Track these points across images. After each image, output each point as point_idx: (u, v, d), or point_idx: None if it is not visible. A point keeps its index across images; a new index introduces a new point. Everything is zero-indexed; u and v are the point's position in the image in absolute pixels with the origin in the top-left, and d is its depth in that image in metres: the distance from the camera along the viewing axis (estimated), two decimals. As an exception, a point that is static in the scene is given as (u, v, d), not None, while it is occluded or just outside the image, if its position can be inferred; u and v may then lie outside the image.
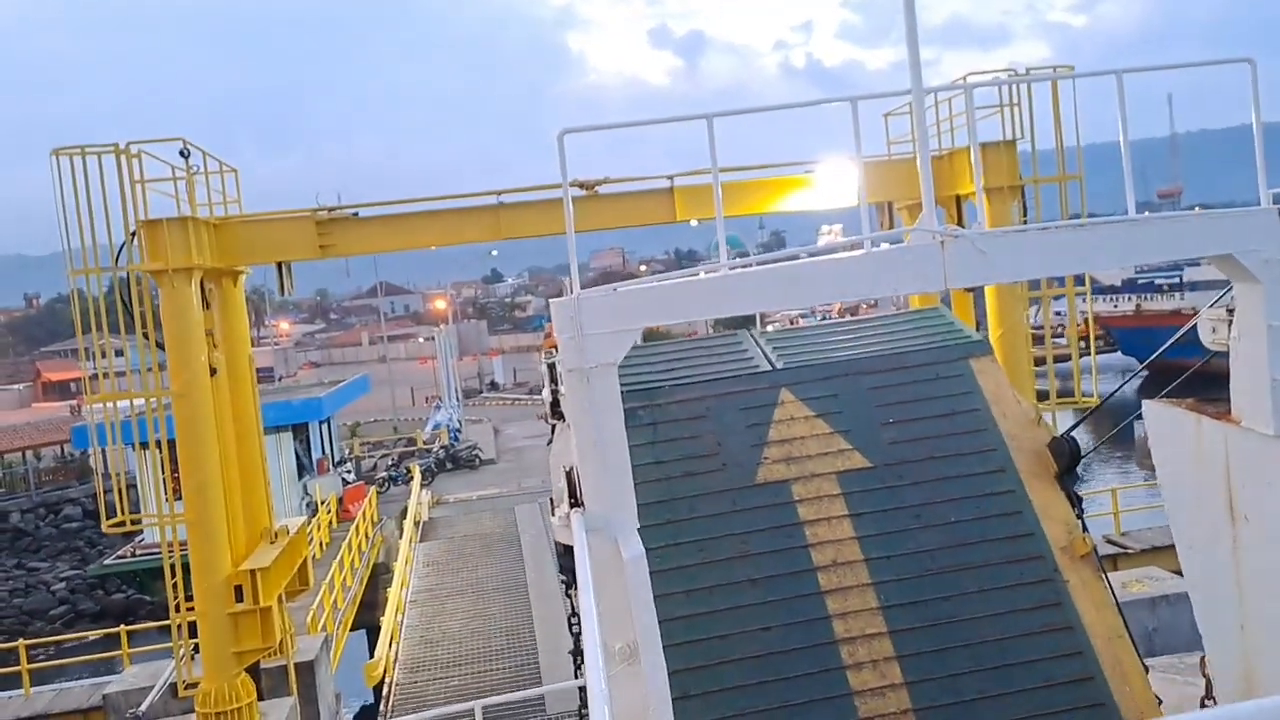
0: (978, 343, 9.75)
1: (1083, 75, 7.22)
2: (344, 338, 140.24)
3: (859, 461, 8.67)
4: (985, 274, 6.44)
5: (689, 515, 8.36)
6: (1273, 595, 7.09)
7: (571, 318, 6.14)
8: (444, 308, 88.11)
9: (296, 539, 17.81)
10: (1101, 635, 8.09)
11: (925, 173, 6.55)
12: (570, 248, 6.29)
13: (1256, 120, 6.68)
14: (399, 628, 21.61)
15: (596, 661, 4.25)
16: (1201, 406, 7.71)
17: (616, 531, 6.16)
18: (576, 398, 6.22)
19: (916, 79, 6.44)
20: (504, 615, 22.21)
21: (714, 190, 6.39)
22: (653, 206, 16.02)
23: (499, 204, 15.94)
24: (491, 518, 32.53)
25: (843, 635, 7.94)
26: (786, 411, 8.92)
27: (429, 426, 51.66)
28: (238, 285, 16.92)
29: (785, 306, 7.16)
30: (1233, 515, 7.35)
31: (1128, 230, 6.65)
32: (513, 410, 65.67)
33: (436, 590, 24.83)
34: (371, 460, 45.86)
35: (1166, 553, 19.54)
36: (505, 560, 26.69)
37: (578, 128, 6.27)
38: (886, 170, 15.63)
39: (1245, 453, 7.08)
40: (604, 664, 4.33)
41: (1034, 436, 8.89)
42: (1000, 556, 8.36)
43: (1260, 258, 6.53)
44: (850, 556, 8.23)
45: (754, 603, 8.04)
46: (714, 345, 9.86)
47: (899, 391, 9.15)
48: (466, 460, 44.28)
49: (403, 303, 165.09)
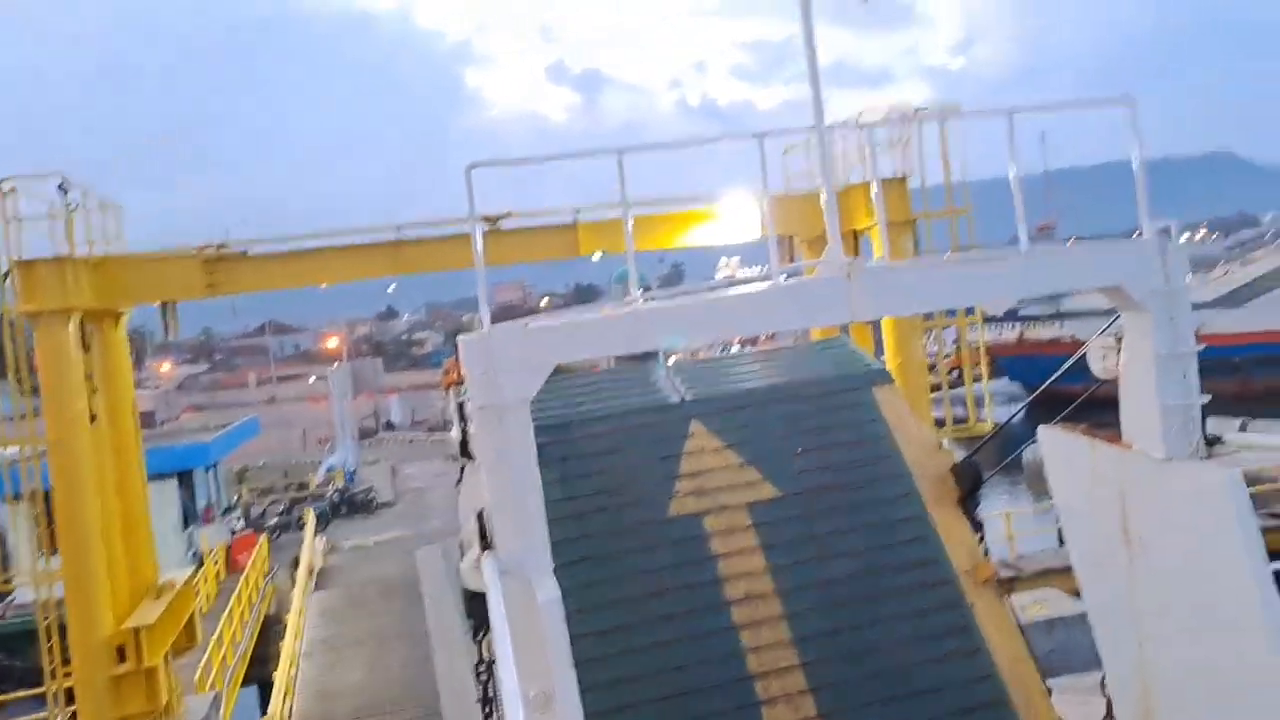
0: (880, 371, 9.93)
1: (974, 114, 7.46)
2: (230, 379, 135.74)
3: (769, 492, 8.69)
4: (891, 306, 6.55)
5: (601, 553, 8.25)
6: (1168, 615, 7.30)
7: (482, 354, 6.00)
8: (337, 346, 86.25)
9: (183, 593, 17.00)
10: (1006, 658, 8.24)
11: (830, 206, 6.63)
12: (480, 282, 6.16)
13: (1138, 157, 6.95)
14: (293, 682, 20.78)
15: (518, 713, 4.09)
16: (1095, 432, 7.94)
17: (530, 574, 6.01)
18: (488, 436, 6.07)
19: (819, 115, 6.54)
20: (404, 665, 21.57)
21: (625, 225, 6.36)
22: (557, 241, 15.94)
23: (399, 238, 15.64)
24: (390, 563, 31.70)
25: (756, 670, 7.91)
26: (697, 443, 8.91)
27: (322, 469, 50.25)
28: (119, 326, 16.20)
29: (699, 340, 7.16)
30: (1128, 538, 7.56)
31: (1024, 262, 6.84)
32: (411, 449, 64.38)
33: (332, 641, 24.01)
34: (261, 507, 44.28)
35: (1060, 575, 20.10)
36: (405, 607, 25.97)
37: (486, 162, 6.17)
38: (788, 205, 15.86)
39: (1138, 477, 7.30)
40: (525, 713, 4.18)
41: (936, 462, 9.05)
42: (908, 583, 8.46)
43: (1147, 288, 6.78)
44: (763, 589, 8.23)
45: (668, 640, 7.96)
46: (622, 378, 9.80)
47: (806, 421, 9.23)
48: (363, 503, 43.17)
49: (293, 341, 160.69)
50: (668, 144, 6.69)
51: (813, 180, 16.56)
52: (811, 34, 6.22)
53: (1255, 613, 6.36)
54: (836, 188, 17.07)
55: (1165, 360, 6.80)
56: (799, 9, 6.33)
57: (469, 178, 6.00)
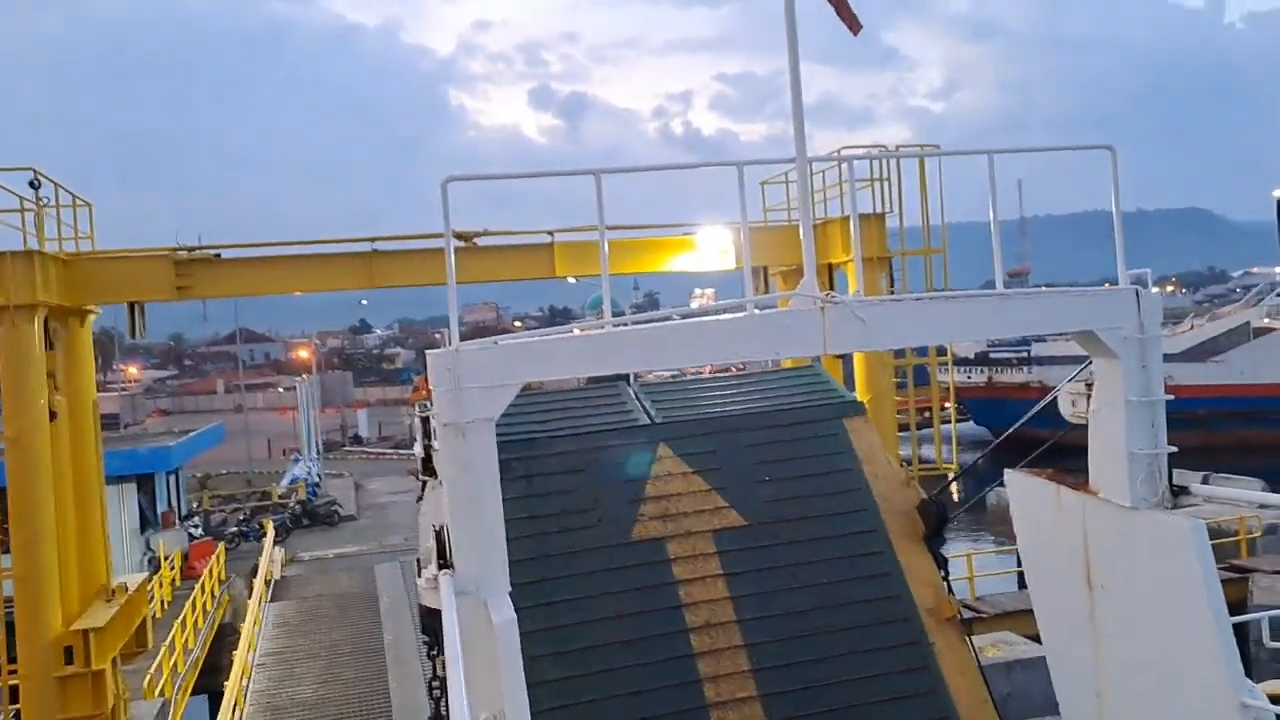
0: (852, 403, 9.91)
1: (956, 153, 7.51)
2: (198, 385, 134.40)
3: (735, 520, 8.64)
4: (863, 340, 6.52)
5: (563, 573, 8.16)
6: (1127, 663, 7.29)
7: (449, 370, 5.92)
8: (307, 357, 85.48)
9: (135, 597, 16.68)
10: (965, 699, 8.19)
11: (807, 238, 6.62)
12: (450, 298, 6.08)
13: (1116, 204, 7.01)
14: (244, 693, 20.39)
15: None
16: (1061, 477, 7.95)
17: (487, 595, 5.91)
18: (451, 454, 5.98)
19: (801, 147, 6.54)
20: (359, 680, 21.21)
21: (600, 246, 6.31)
22: (532, 261, 15.87)
23: (373, 251, 15.53)
24: (349, 577, 31.24)
25: (714, 699, 7.83)
26: (664, 467, 8.84)
27: (286, 480, 49.64)
28: (85, 326, 15.95)
29: (667, 365, 7.10)
30: (1090, 584, 7.56)
31: (998, 304, 6.86)
32: (376, 465, 63.79)
33: (286, 653, 23.60)
34: (222, 515, 43.67)
35: (1020, 617, 20.17)
36: (362, 622, 25.60)
37: (462, 176, 6.11)
38: (764, 236, 15.90)
39: (1103, 523, 7.31)
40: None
41: (904, 498, 9.03)
42: (870, 618, 8.42)
43: (1120, 335, 6.81)
44: (724, 617, 8.16)
45: (626, 665, 7.88)
46: (592, 397, 9.71)
47: (776, 449, 9.19)
48: (324, 516, 42.63)
49: (263, 350, 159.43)
50: (647, 167, 6.67)
51: (790, 213, 16.65)
52: (797, 62, 6.23)
53: (1215, 664, 6.35)
54: (814, 221, 17.22)
55: (1135, 407, 6.83)
56: (786, 41, 6.34)
57: (444, 192, 5.94)
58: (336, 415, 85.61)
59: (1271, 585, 22.32)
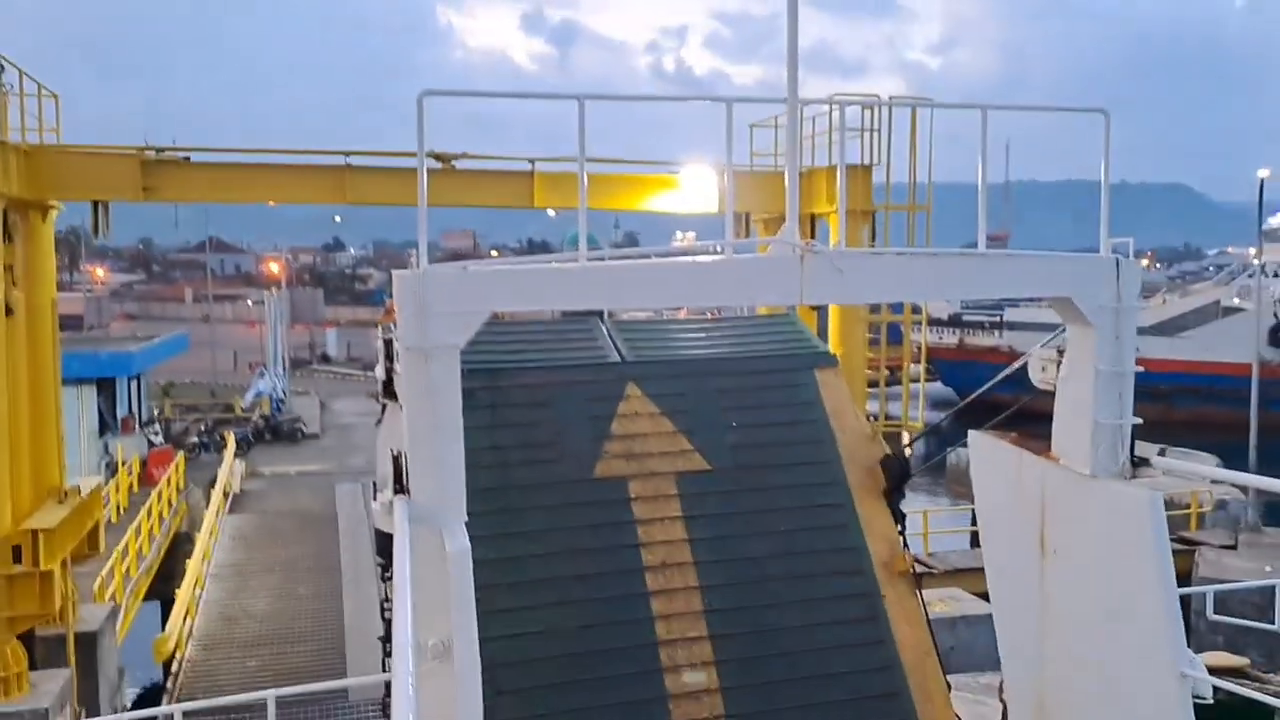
0: (824, 354, 9.83)
1: (949, 105, 7.36)
2: (166, 291, 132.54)
3: (699, 464, 8.60)
4: (841, 293, 6.43)
5: (521, 505, 8.11)
6: (1072, 627, 7.36)
7: (415, 293, 5.76)
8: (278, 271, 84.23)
9: (89, 500, 16.56)
10: (911, 652, 8.28)
11: (792, 181, 6.48)
12: (421, 218, 5.90)
13: (1105, 170, 6.91)
14: (196, 602, 20.41)
15: (406, 663, 3.92)
16: (1024, 441, 7.96)
17: (442, 523, 5.83)
18: (413, 379, 5.85)
19: (793, 86, 6.37)
20: (313, 597, 21.29)
21: (579, 175, 6.14)
22: (511, 189, 15.62)
23: (346, 165, 15.20)
24: (309, 494, 31.21)
25: (664, 638, 7.87)
26: (631, 406, 8.76)
27: (250, 394, 49.26)
28: (47, 221, 15.58)
29: (641, 305, 6.98)
30: (1043, 549, 7.60)
31: (979, 264, 6.77)
32: (343, 385, 63.48)
33: (242, 566, 23.62)
34: (183, 424, 43.33)
35: (969, 575, 20.48)
36: (320, 540, 25.63)
37: (440, 90, 5.89)
38: (749, 181, 15.72)
39: (1061, 489, 7.33)
40: (414, 663, 4.03)
41: (868, 452, 9.02)
42: (824, 568, 8.47)
43: (1096, 303, 6.76)
44: (680, 559, 8.17)
45: (579, 599, 7.88)
46: (564, 330, 9.50)
47: (745, 396, 9.12)
48: (288, 432, 42.46)
49: (234, 261, 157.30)
50: (634, 97, 6.50)
51: (777, 159, 16.45)
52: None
53: (1159, 634, 6.42)
54: (801, 168, 17.00)
55: (1104, 377, 6.80)
56: None
57: (420, 106, 5.73)
58: (305, 333, 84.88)
59: (1216, 559, 22.79)
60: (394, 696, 3.77)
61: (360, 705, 15.27)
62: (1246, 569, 21.86)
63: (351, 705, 15.30)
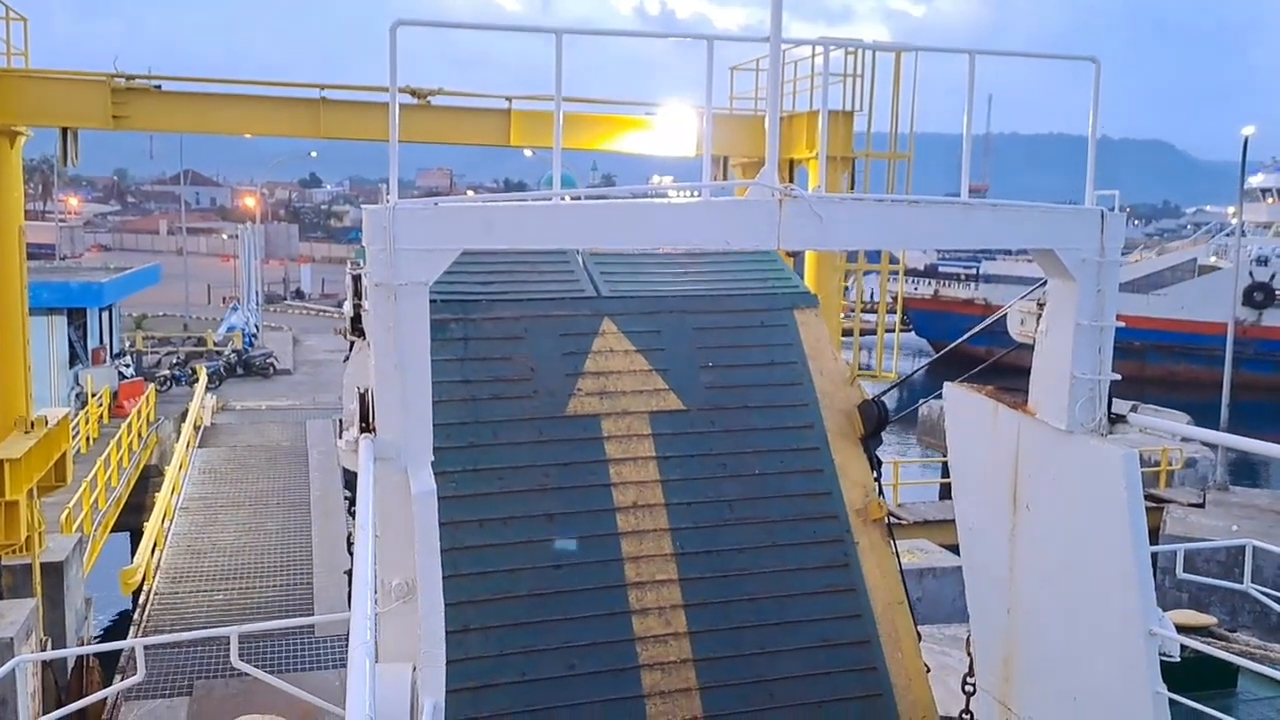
0: (804, 294, 9.62)
1: (935, 49, 7.18)
2: (140, 223, 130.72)
3: (673, 403, 8.49)
4: (819, 238, 6.30)
5: (492, 441, 8.00)
6: (1042, 582, 7.38)
7: (384, 228, 5.60)
8: (254, 205, 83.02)
9: (55, 431, 16.36)
10: (882, 600, 8.29)
11: (773, 123, 6.32)
12: (392, 151, 5.72)
13: (1093, 119, 6.78)
14: (164, 534, 20.32)
15: (365, 603, 3.85)
16: (1000, 394, 7.91)
17: (408, 462, 5.73)
18: (380, 316, 5.71)
19: (776, 25, 6.19)
20: (282, 531, 21.24)
21: (555, 112, 5.96)
22: (487, 127, 15.33)
23: (321, 98, 14.85)
24: (280, 429, 31.04)
25: (633, 579, 7.83)
26: (606, 343, 8.60)
27: (223, 328, 48.85)
28: (15, 147, 15.17)
29: (613, 245, 6.83)
30: (1015, 503, 7.60)
31: (961, 213, 6.66)
32: (316, 321, 62.97)
33: (211, 499, 23.51)
34: (155, 356, 42.90)
35: (938, 527, 20.69)
36: (290, 475, 25.54)
37: (414, 20, 5.68)
38: (728, 124, 15.50)
39: (1036, 443, 7.30)
40: (372, 605, 3.97)
41: (845, 396, 8.93)
42: (796, 513, 8.41)
43: (1079, 256, 6.67)
44: (651, 500, 8.09)
45: (548, 539, 7.80)
46: (539, 262, 9.19)
47: (722, 335, 8.96)
48: (260, 367, 42.10)
49: (209, 194, 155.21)
50: (614, 32, 6.30)
51: (757, 103, 16.21)
52: None
53: (1129, 591, 6.43)
54: (781, 112, 16.79)
55: (1084, 331, 6.74)
56: None
57: (393, 36, 5.52)
58: (280, 268, 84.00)
59: (1184, 517, 23.08)
60: (351, 639, 3.70)
61: (326, 640, 15.31)
62: (1213, 527, 22.17)
63: (318, 640, 15.33)
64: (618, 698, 7.50)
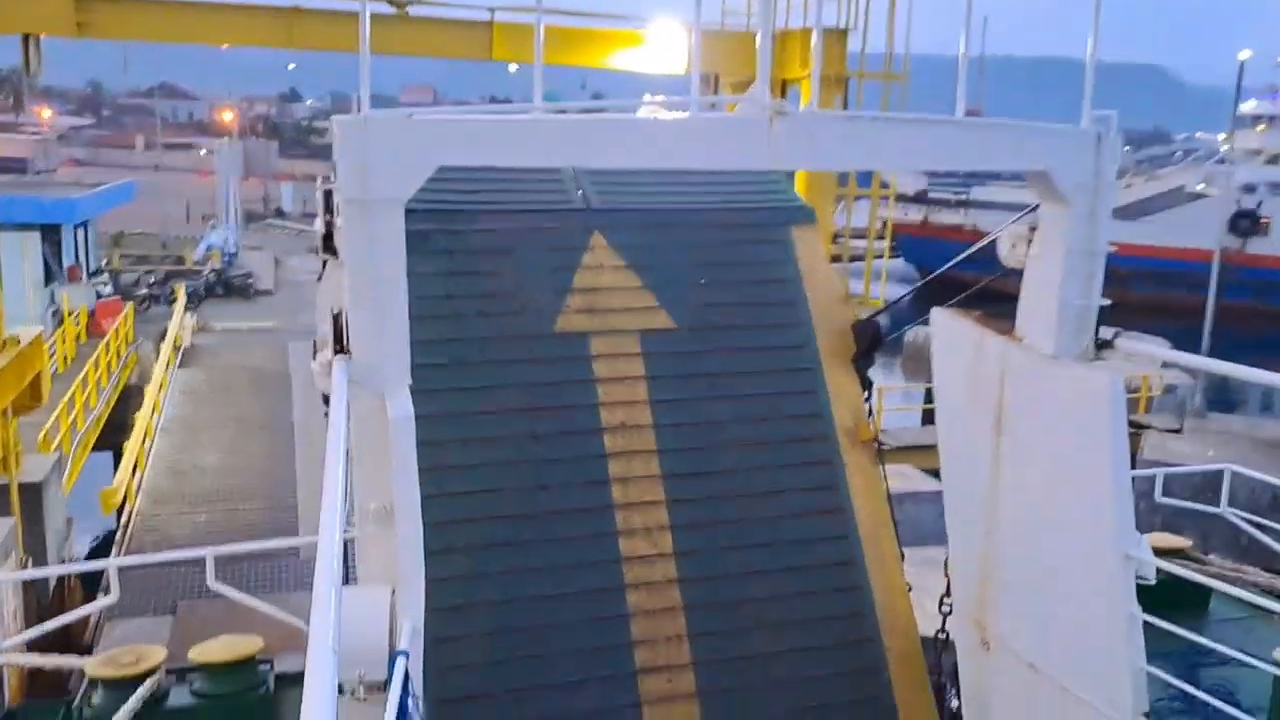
0: (802, 209, 9.30)
1: (934, -36, 6.92)
2: (116, 138, 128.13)
3: (664, 321, 8.30)
4: (811, 158, 6.11)
5: (476, 359, 7.82)
6: (1021, 507, 7.37)
7: (356, 141, 5.37)
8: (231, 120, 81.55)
9: (29, 349, 16.11)
10: (868, 521, 8.27)
11: (765, 38, 6.08)
12: (363, 58, 5.47)
13: (1094, 37, 6.56)
14: (145, 455, 20.23)
15: (333, 529, 3.74)
16: (988, 320, 7.81)
17: (384, 385, 5.58)
18: (353, 233, 5.52)
19: (769, -68, 5.91)
20: (265, 454, 21.17)
21: (537, 23, 5.69)
22: (469, 39, 14.86)
23: (294, 7, 14.33)
24: (262, 351, 30.77)
25: (620, 500, 7.75)
26: (596, 258, 8.34)
27: (202, 247, 48.16)
28: (-24, 55, 14.66)
29: (598, 163, 6.61)
30: (999, 429, 7.54)
31: (956, 132, 6.46)
32: (297, 241, 62.11)
33: (192, 420, 23.39)
34: (134, 275, 42.37)
35: (920, 453, 20.79)
36: (273, 397, 25.38)
37: (386, -82, 5.38)
38: (718, 42, 15.09)
39: (1021, 369, 7.22)
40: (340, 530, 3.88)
41: (840, 315, 8.76)
42: (785, 434, 8.32)
43: (1073, 179, 6.51)
44: (640, 420, 7.97)
45: (534, 459, 7.69)
46: (527, 171, 8.68)
47: (716, 251, 8.69)
48: (240, 287, 41.69)
49: (186, 109, 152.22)
50: (597, -66, 6.00)
51: (749, 20, 15.78)
52: None
53: (1108, 515, 6.41)
54: (774, 30, 16.45)
55: (1076, 256, 6.62)
56: None
57: (365, -68, 5.23)
58: (260, 186, 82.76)
59: (1161, 443, 23.33)
60: (317, 568, 3.60)
61: (310, 563, 15.30)
62: (1190, 453, 22.42)
63: (303, 562, 15.34)
64: (602, 617, 7.48)
